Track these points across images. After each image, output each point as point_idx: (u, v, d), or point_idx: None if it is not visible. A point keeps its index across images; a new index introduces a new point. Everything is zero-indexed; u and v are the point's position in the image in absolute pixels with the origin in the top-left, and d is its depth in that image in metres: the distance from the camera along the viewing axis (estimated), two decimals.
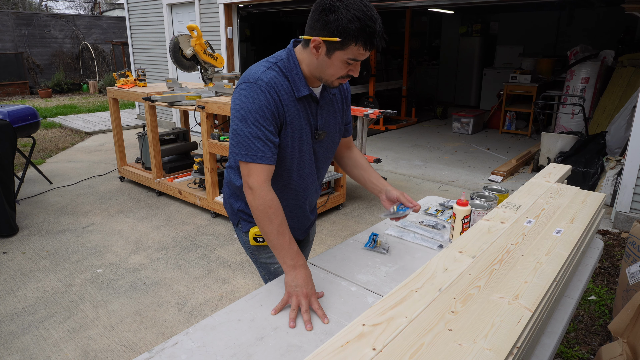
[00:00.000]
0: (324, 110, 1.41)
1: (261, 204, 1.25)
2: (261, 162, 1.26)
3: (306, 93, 1.32)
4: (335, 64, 1.25)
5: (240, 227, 1.55)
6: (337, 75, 1.28)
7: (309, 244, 1.80)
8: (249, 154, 1.25)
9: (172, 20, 7.43)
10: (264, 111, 1.25)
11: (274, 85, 1.27)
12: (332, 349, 0.82)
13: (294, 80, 1.31)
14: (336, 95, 1.47)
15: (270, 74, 1.28)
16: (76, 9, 22.51)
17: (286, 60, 1.32)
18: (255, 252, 1.54)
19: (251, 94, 1.26)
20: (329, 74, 1.28)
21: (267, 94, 1.25)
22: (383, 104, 8.32)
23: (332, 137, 1.49)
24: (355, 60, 1.24)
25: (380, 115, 3.89)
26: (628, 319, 1.67)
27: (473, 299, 0.98)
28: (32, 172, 5.24)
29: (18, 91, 12.40)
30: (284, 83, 1.30)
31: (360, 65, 1.32)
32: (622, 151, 4.84)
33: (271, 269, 1.56)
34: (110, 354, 2.32)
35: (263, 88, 1.25)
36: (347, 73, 1.28)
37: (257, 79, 1.27)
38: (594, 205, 1.52)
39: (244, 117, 1.25)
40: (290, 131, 1.33)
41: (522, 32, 9.25)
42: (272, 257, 1.53)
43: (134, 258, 3.34)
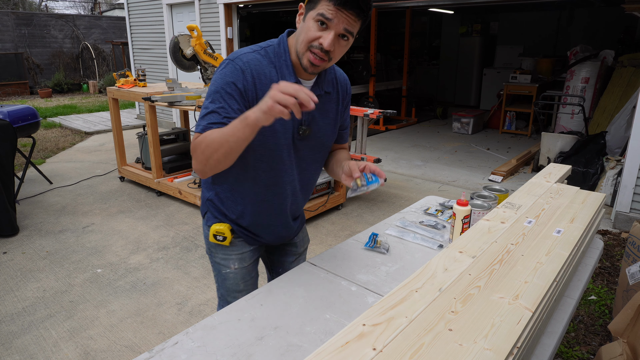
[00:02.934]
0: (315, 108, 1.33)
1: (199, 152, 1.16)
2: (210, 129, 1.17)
3: (292, 81, 1.22)
4: (308, 25, 1.15)
5: (206, 219, 1.50)
6: (308, 39, 1.15)
7: (296, 252, 1.66)
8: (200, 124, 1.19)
9: (172, 20, 7.43)
10: (232, 89, 1.18)
11: (252, 66, 1.20)
12: (332, 349, 0.82)
13: (281, 67, 1.24)
14: (331, 95, 1.38)
15: (253, 56, 1.22)
16: (76, 9, 22.51)
17: (277, 46, 1.26)
18: (213, 249, 1.50)
19: (224, 70, 1.20)
20: (301, 40, 1.17)
21: (240, 72, 1.18)
22: (383, 104, 8.32)
23: (321, 137, 1.39)
24: (324, 17, 1.11)
25: (380, 115, 3.90)
26: (628, 319, 1.67)
27: (473, 299, 0.98)
28: (32, 172, 5.24)
29: (18, 91, 12.40)
30: (268, 68, 1.23)
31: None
32: (622, 151, 4.84)
33: (222, 272, 1.51)
34: (110, 354, 2.32)
35: (238, 67, 1.19)
36: (318, 41, 1.14)
37: (236, 57, 1.21)
38: (594, 205, 1.52)
39: (212, 92, 1.20)
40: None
41: (522, 32, 9.25)
42: (226, 260, 1.49)
43: (134, 258, 3.34)
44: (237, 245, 1.48)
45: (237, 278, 1.51)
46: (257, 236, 1.49)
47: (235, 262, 1.50)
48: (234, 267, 1.50)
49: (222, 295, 1.56)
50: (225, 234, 1.43)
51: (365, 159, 4.09)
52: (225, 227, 1.44)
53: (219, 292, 1.57)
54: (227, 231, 1.43)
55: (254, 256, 1.55)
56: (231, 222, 1.45)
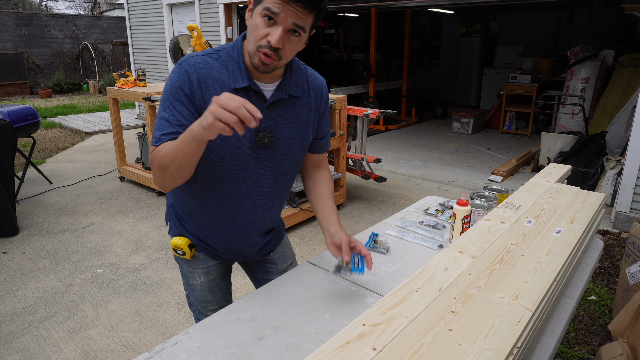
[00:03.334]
0: (275, 111, 1.21)
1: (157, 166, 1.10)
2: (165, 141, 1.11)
3: (244, 85, 1.14)
4: (255, 22, 1.07)
5: (169, 228, 1.44)
6: (257, 38, 1.07)
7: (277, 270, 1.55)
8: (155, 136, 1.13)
9: (172, 20, 7.43)
10: (179, 94, 1.13)
11: (198, 69, 1.14)
12: (332, 349, 0.82)
13: (234, 70, 1.15)
14: (301, 99, 1.26)
15: (200, 59, 1.16)
16: (76, 9, 22.51)
17: (231, 49, 1.18)
18: (179, 260, 1.46)
19: (172, 76, 1.15)
20: (250, 39, 1.10)
21: (185, 76, 1.13)
22: (383, 104, 8.32)
23: (289, 146, 1.26)
24: (270, 11, 1.03)
25: (380, 115, 3.89)
26: (628, 319, 1.67)
27: (473, 299, 0.98)
28: (32, 172, 5.24)
29: (18, 91, 12.39)
30: (218, 71, 1.15)
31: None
32: (622, 151, 4.84)
33: (190, 282, 1.47)
34: (110, 354, 2.32)
35: (184, 70, 1.13)
36: (267, 38, 1.06)
37: (183, 61, 1.16)
38: (594, 205, 1.52)
39: (163, 101, 1.15)
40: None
41: (522, 32, 9.25)
42: (192, 272, 1.44)
43: (134, 258, 3.34)
44: (201, 259, 1.42)
45: (205, 290, 1.47)
46: (218, 252, 1.40)
47: (200, 276, 1.44)
48: (200, 280, 1.45)
49: (192, 303, 1.53)
50: (184, 250, 1.37)
51: (365, 159, 4.08)
52: (183, 242, 1.37)
53: (189, 300, 1.54)
54: (185, 247, 1.37)
55: (221, 269, 1.48)
56: (191, 234, 1.38)
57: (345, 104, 4.01)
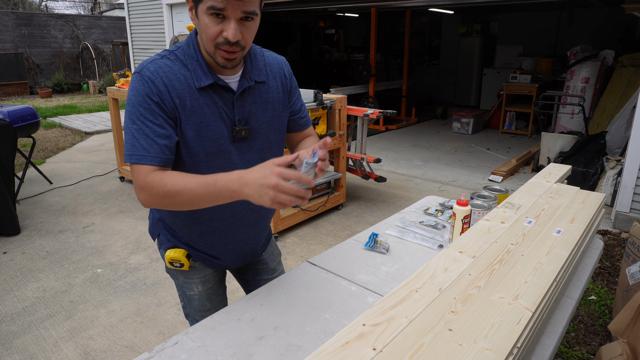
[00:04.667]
0: (246, 102, 1.18)
1: (157, 194, 1.06)
2: (146, 163, 1.06)
3: (209, 82, 1.11)
4: (203, 22, 1.03)
5: (159, 242, 1.38)
6: (212, 38, 1.04)
7: (268, 269, 1.54)
8: (133, 153, 1.07)
9: (172, 20, 7.43)
10: (149, 103, 1.07)
11: (161, 74, 1.08)
12: (332, 349, 0.82)
13: (195, 69, 1.11)
14: (267, 83, 1.23)
15: (160, 63, 1.10)
16: (76, 9, 22.52)
17: (186, 47, 1.13)
18: (174, 272, 1.41)
19: (135, 86, 1.09)
20: (205, 40, 1.06)
21: (150, 83, 1.07)
22: (383, 104, 8.33)
23: (266, 133, 1.24)
24: (215, 9, 0.99)
25: (380, 115, 3.90)
26: (628, 319, 1.67)
27: (473, 299, 0.98)
28: (32, 172, 5.24)
29: (18, 91, 12.40)
30: (180, 72, 1.11)
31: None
32: (622, 151, 4.84)
33: (187, 293, 1.43)
34: (110, 354, 2.32)
35: (146, 77, 1.08)
36: (222, 35, 1.03)
37: (142, 68, 1.10)
38: (594, 205, 1.52)
39: (129, 112, 1.09)
40: (189, 128, 1.11)
41: (522, 32, 9.25)
42: (189, 283, 1.40)
43: (134, 258, 3.34)
44: (198, 268, 1.38)
45: (203, 299, 1.45)
46: (216, 259, 1.37)
47: (198, 286, 1.41)
48: (197, 290, 1.42)
49: (189, 314, 1.50)
50: (181, 261, 1.32)
51: (365, 159, 4.09)
52: (180, 253, 1.32)
53: (185, 311, 1.50)
54: (183, 258, 1.32)
55: (217, 276, 1.46)
56: (185, 244, 1.34)
57: (345, 104, 4.01)
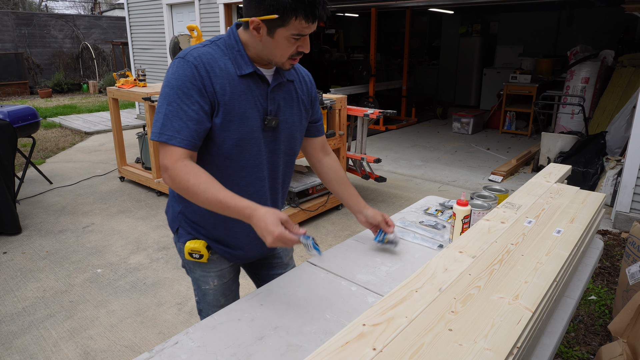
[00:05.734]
0: (277, 95, 1.28)
1: (180, 182, 1.13)
2: (175, 144, 1.13)
3: (250, 70, 1.20)
4: (280, 43, 1.15)
5: (178, 235, 1.41)
6: (287, 55, 1.18)
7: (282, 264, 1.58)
8: (163, 132, 1.13)
9: (172, 20, 7.43)
10: (188, 87, 1.13)
11: (204, 60, 1.16)
12: (332, 348, 0.82)
13: (236, 58, 1.20)
14: (294, 83, 1.34)
15: (203, 50, 1.18)
16: (76, 9, 22.51)
17: (227, 38, 1.22)
18: (190, 265, 1.44)
19: (176, 70, 1.15)
20: (277, 54, 1.18)
21: (193, 68, 1.14)
22: (383, 104, 8.32)
23: (290, 128, 1.33)
24: (301, 35, 1.14)
25: (380, 115, 3.90)
26: (628, 319, 1.67)
27: (473, 299, 0.98)
28: (32, 172, 5.24)
29: (18, 91, 12.40)
30: (222, 60, 1.19)
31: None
32: (622, 151, 4.84)
33: (202, 287, 1.45)
34: (110, 354, 2.32)
35: (190, 63, 1.14)
36: (297, 50, 1.18)
37: (186, 54, 1.17)
38: (594, 205, 1.52)
39: (166, 94, 1.15)
40: (226, 113, 1.19)
41: (522, 32, 9.25)
42: (205, 277, 1.42)
43: (134, 258, 3.34)
44: (216, 261, 1.41)
45: (218, 294, 1.46)
46: (237, 249, 1.40)
47: (214, 279, 1.43)
48: (213, 284, 1.44)
49: (202, 309, 1.51)
50: (201, 252, 1.35)
51: (365, 159, 4.09)
52: (200, 244, 1.35)
53: (199, 306, 1.51)
54: (203, 249, 1.35)
55: (233, 271, 1.49)
56: (206, 237, 1.37)
57: (345, 104, 4.01)
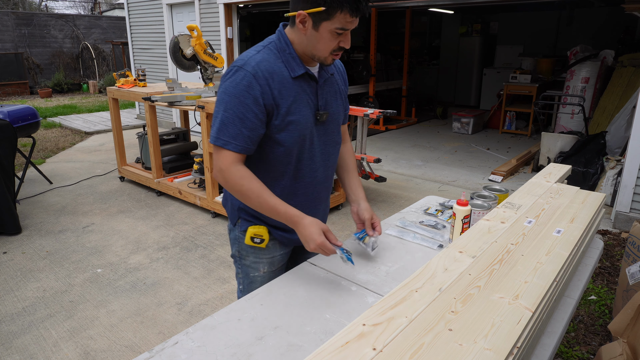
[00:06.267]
0: (324, 91, 1.37)
1: (235, 185, 1.25)
2: (230, 149, 1.23)
3: (302, 72, 1.28)
4: (324, 36, 1.21)
5: (239, 225, 1.50)
6: (329, 49, 1.25)
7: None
8: (219, 137, 1.23)
9: (172, 20, 7.43)
10: (245, 96, 1.21)
11: (262, 68, 1.23)
12: (332, 348, 0.82)
13: (288, 61, 1.27)
14: (334, 76, 1.43)
15: (260, 57, 1.25)
16: (76, 9, 22.51)
17: (277, 42, 1.29)
18: (244, 252, 1.50)
19: (235, 78, 1.23)
20: (320, 49, 1.24)
21: (251, 78, 1.21)
22: (383, 104, 8.32)
23: (336, 119, 1.44)
24: (344, 29, 1.21)
25: (380, 115, 3.89)
26: (628, 319, 1.67)
27: (473, 299, 0.98)
28: (32, 172, 5.24)
29: (18, 91, 12.40)
30: (276, 64, 1.26)
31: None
32: (622, 151, 4.84)
33: (250, 274, 1.52)
34: (110, 353, 2.32)
35: (249, 72, 1.22)
36: (339, 45, 1.25)
37: (244, 63, 1.23)
38: (594, 205, 1.52)
39: (225, 101, 1.23)
40: (285, 114, 1.27)
41: (522, 32, 9.25)
42: (257, 263, 1.50)
43: (134, 258, 3.34)
44: (270, 248, 1.50)
45: (264, 282, 1.49)
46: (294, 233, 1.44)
47: (265, 266, 1.51)
48: (263, 271, 1.51)
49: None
50: (263, 236, 1.44)
51: (366, 159, 4.09)
52: (263, 229, 1.44)
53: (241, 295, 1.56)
54: (265, 233, 1.44)
55: (282, 261, 1.56)
56: (266, 223, 1.46)
57: None
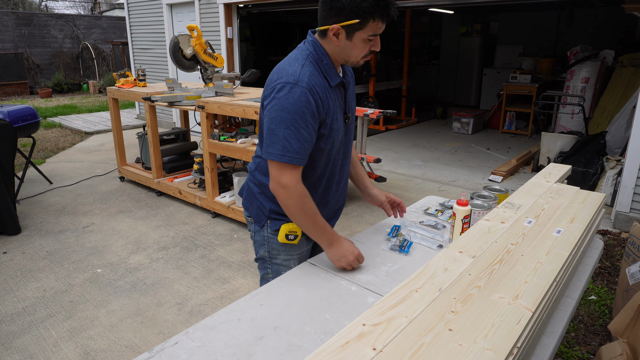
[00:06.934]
0: (348, 95, 1.47)
1: (297, 202, 1.33)
2: (296, 164, 1.31)
3: (339, 81, 1.38)
4: (357, 45, 1.30)
5: (270, 225, 1.53)
6: (362, 55, 1.34)
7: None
8: (284, 154, 1.29)
9: (172, 20, 7.43)
10: (304, 112, 1.28)
11: (314, 83, 1.30)
12: (332, 348, 0.82)
13: (327, 71, 1.35)
14: (350, 78, 1.52)
15: (308, 71, 1.31)
16: (76, 9, 22.51)
17: (314, 53, 1.35)
18: (275, 252, 1.54)
19: (292, 95, 1.27)
20: (354, 55, 1.33)
21: (307, 94, 1.28)
22: (383, 104, 8.32)
23: (354, 119, 1.56)
24: (376, 35, 1.29)
25: (380, 115, 3.90)
26: (628, 319, 1.67)
27: (473, 299, 0.98)
28: (32, 172, 5.24)
29: (18, 91, 12.39)
30: (320, 76, 1.34)
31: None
32: (622, 151, 4.84)
33: (281, 272, 1.53)
34: (110, 354, 2.32)
35: (304, 90, 1.28)
36: (370, 49, 1.34)
37: (298, 80, 1.28)
38: (594, 205, 1.52)
39: (283, 119, 1.28)
40: (330, 123, 1.37)
41: (522, 32, 9.25)
42: (288, 260, 1.54)
43: (134, 258, 3.34)
44: (299, 244, 1.56)
45: None
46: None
47: (295, 262, 1.56)
48: (294, 267, 1.52)
49: None
50: (297, 232, 1.49)
51: (365, 159, 4.08)
52: (295, 226, 1.48)
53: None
54: (298, 229, 1.48)
55: (308, 255, 1.64)
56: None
57: None
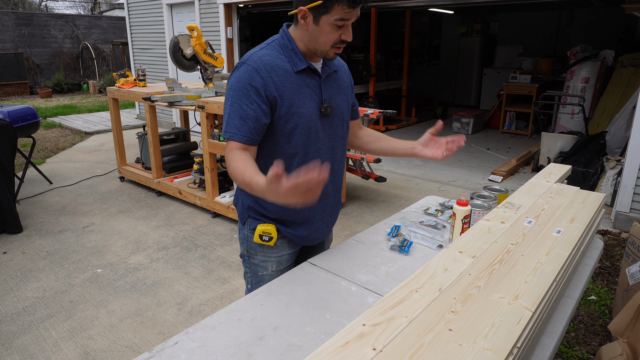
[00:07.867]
0: (328, 85, 1.42)
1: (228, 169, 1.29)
2: (236, 140, 1.29)
3: (304, 66, 1.33)
4: (325, 29, 1.26)
5: (248, 223, 1.52)
6: (330, 42, 1.28)
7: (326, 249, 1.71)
8: (227, 130, 1.30)
9: (172, 20, 7.43)
10: (247, 89, 1.27)
11: (264, 62, 1.28)
12: (332, 348, 0.82)
13: (291, 56, 1.33)
14: (338, 72, 1.47)
15: (263, 52, 1.31)
16: (76, 9, 22.51)
17: (280, 39, 1.35)
18: (252, 251, 1.52)
19: (238, 73, 1.29)
20: (321, 42, 1.29)
21: (253, 72, 1.27)
22: (383, 104, 8.31)
23: (341, 114, 1.47)
24: (343, 20, 1.24)
25: (380, 115, 3.89)
26: (628, 319, 1.67)
27: (473, 299, 0.98)
28: (32, 172, 5.24)
29: (18, 91, 12.39)
30: (279, 59, 1.31)
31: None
32: (622, 151, 4.84)
33: (258, 273, 1.54)
34: (110, 354, 2.32)
35: (250, 66, 1.27)
36: (340, 38, 1.28)
37: (247, 59, 1.30)
38: (594, 205, 1.52)
39: (229, 96, 1.31)
40: (288, 107, 1.31)
41: (522, 32, 9.24)
42: (265, 262, 1.52)
43: (134, 258, 3.34)
44: (278, 247, 1.52)
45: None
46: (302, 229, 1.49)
47: (273, 265, 1.52)
48: (271, 270, 1.52)
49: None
50: (271, 234, 1.47)
51: (365, 159, 4.09)
52: (271, 227, 1.47)
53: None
54: (273, 231, 1.46)
55: (290, 260, 1.57)
56: (274, 221, 1.48)
57: None
